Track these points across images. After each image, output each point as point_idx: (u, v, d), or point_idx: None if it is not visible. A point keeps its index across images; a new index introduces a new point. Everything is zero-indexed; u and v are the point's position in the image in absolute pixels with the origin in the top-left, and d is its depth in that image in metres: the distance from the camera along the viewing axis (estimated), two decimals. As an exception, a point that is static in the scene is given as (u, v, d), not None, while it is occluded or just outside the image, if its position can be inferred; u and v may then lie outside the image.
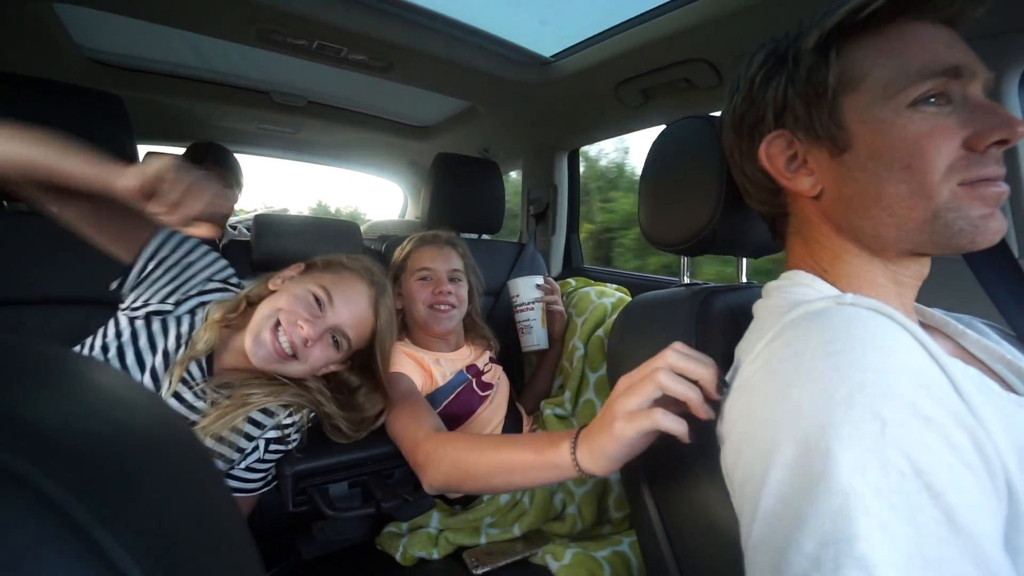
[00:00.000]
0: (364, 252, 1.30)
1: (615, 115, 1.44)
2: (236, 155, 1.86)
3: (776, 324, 0.42)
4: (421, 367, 1.05)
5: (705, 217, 0.63)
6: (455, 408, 1.05)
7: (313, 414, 0.87)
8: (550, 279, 1.25)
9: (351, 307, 0.84)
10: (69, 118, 0.85)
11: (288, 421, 0.84)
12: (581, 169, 1.85)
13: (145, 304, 0.79)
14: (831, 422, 0.32)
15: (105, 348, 0.76)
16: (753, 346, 0.44)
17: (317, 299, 0.81)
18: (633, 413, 0.47)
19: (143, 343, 0.77)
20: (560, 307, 1.24)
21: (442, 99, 1.64)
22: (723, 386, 0.45)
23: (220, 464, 0.78)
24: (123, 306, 0.79)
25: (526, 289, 1.21)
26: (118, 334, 0.77)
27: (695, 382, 0.46)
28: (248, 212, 2.78)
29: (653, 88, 1.24)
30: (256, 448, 0.82)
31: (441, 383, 1.06)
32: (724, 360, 0.50)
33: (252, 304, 0.84)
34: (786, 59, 0.49)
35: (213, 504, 0.21)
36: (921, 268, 0.49)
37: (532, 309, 1.20)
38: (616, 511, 0.97)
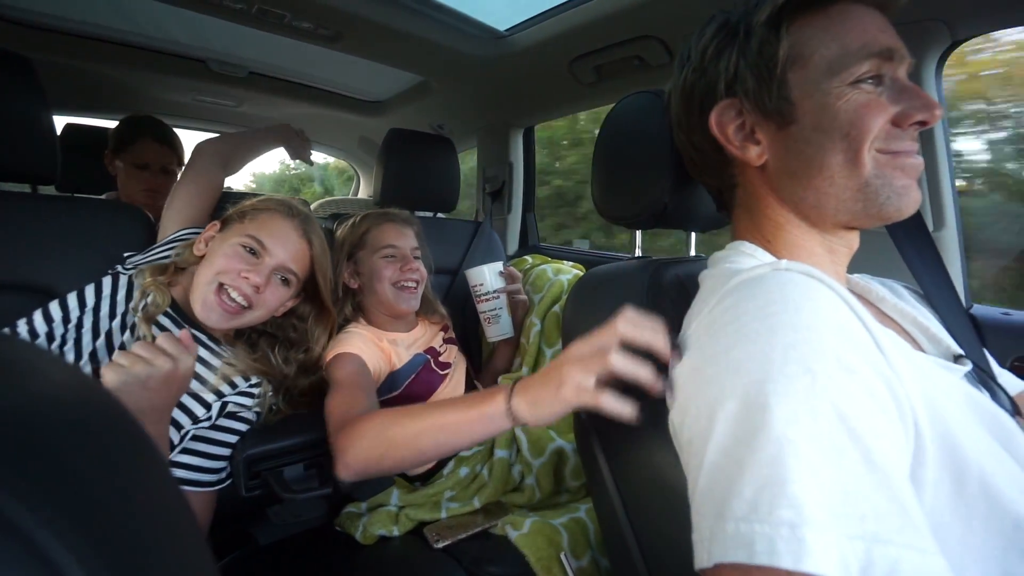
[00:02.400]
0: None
1: (569, 92, 1.44)
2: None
3: (719, 290, 0.44)
4: (380, 349, 1.03)
5: (656, 191, 0.64)
6: (417, 388, 1.05)
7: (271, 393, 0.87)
8: (511, 267, 1.23)
9: (284, 244, 0.86)
10: None
11: (248, 394, 0.84)
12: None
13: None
14: (768, 378, 0.35)
15: (50, 336, 0.76)
16: (699, 312, 0.46)
17: (249, 249, 0.83)
18: (582, 387, 0.51)
19: (87, 325, 0.78)
20: (524, 296, 1.22)
21: (394, 73, 1.58)
22: (675, 351, 0.47)
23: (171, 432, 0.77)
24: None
25: (490, 278, 1.17)
26: (65, 319, 0.77)
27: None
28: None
29: (606, 65, 1.25)
30: (208, 418, 0.80)
31: (399, 365, 1.05)
32: (675, 329, 0.52)
33: (180, 269, 0.87)
34: (738, 32, 0.51)
35: (152, 483, 0.20)
36: (852, 240, 0.53)
37: (497, 298, 1.17)
38: (573, 480, 1.00)
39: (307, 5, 1.11)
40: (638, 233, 0.79)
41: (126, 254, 0.90)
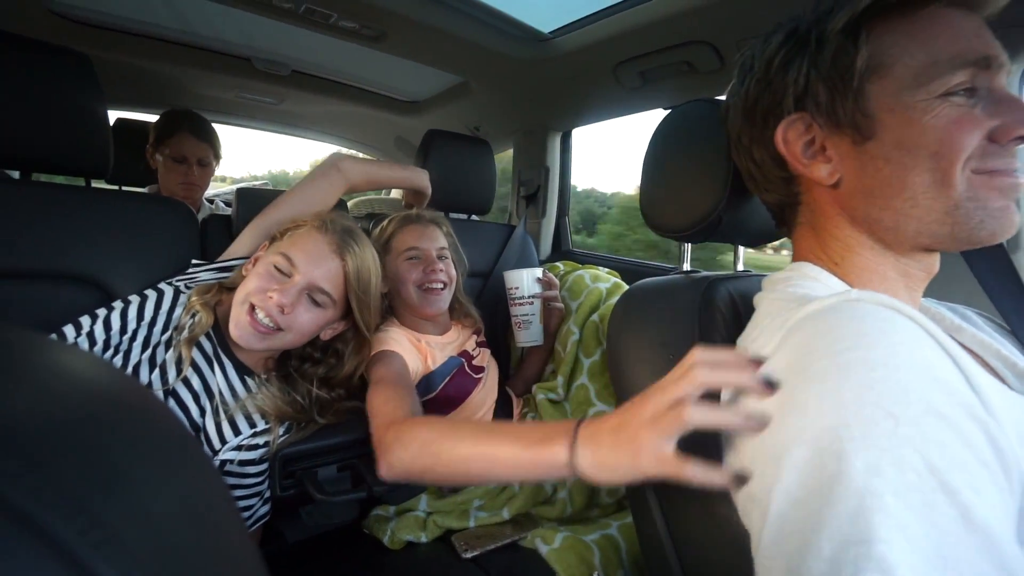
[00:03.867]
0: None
1: (612, 97, 1.41)
2: (215, 125, 1.78)
3: (783, 326, 0.41)
4: (418, 349, 1.03)
5: (710, 203, 0.62)
6: (452, 391, 1.04)
7: (284, 434, 0.83)
8: (549, 274, 1.21)
9: (314, 261, 0.82)
10: (30, 75, 0.79)
11: (252, 446, 0.78)
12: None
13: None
14: (842, 423, 0.32)
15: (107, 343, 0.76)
16: (759, 345, 0.43)
17: (279, 268, 0.80)
18: (663, 456, 0.43)
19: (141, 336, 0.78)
20: (560, 304, 1.19)
21: (433, 73, 1.58)
22: (767, 385, 0.39)
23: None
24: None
25: (527, 282, 1.15)
26: (122, 330, 0.77)
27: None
28: (228, 184, 2.69)
29: (652, 70, 1.21)
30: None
31: (434, 367, 1.04)
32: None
33: (229, 290, 0.84)
34: (808, 41, 0.47)
35: (207, 496, 0.19)
36: (931, 264, 0.49)
37: (532, 304, 1.15)
38: (607, 496, 0.97)
39: (353, 5, 1.11)
40: (687, 246, 0.76)
41: (194, 261, 0.90)
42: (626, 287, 0.90)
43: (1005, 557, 0.28)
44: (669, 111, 0.70)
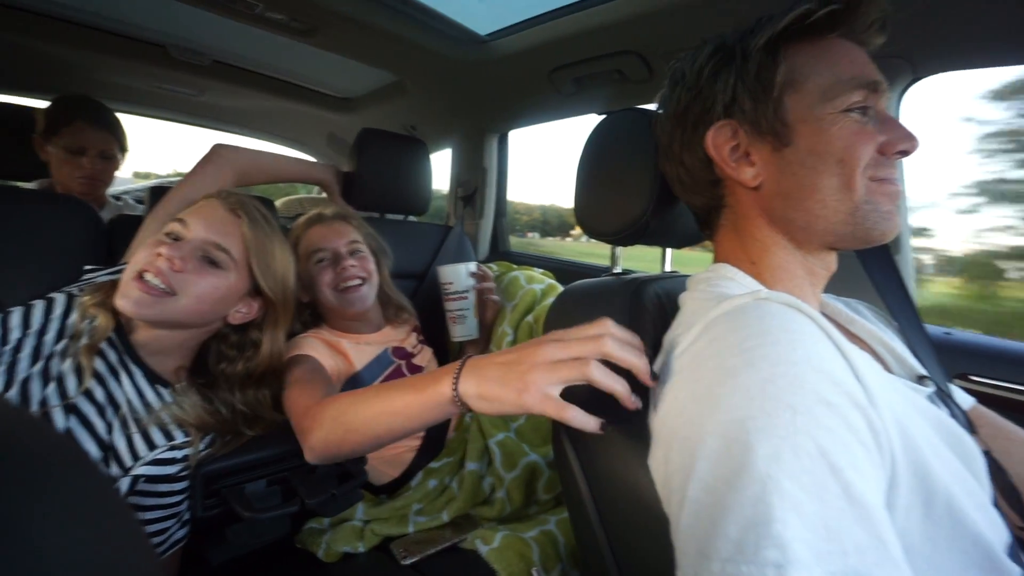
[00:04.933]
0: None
1: (547, 101, 1.45)
2: (127, 115, 1.63)
3: (700, 321, 0.44)
4: (335, 350, 1.00)
5: (639, 208, 0.65)
6: None
7: (206, 448, 0.77)
8: (483, 267, 1.21)
9: (208, 218, 0.77)
10: None
11: (167, 460, 0.72)
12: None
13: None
14: (749, 415, 0.35)
15: None
16: (680, 341, 0.46)
17: (170, 234, 0.75)
18: (548, 396, 0.47)
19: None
20: (496, 296, 1.20)
21: (368, 70, 1.54)
22: (654, 375, 0.47)
23: None
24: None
25: (460, 276, 1.15)
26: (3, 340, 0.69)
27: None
28: (139, 180, 2.47)
29: (586, 77, 1.25)
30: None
31: (360, 366, 1.02)
32: (654, 348, 0.53)
33: None
34: (735, 55, 0.52)
35: (105, 533, 0.17)
36: (831, 262, 0.55)
37: (466, 298, 1.16)
38: (544, 493, 0.99)
39: None
40: (619, 249, 0.79)
41: (87, 267, 0.81)
42: (561, 288, 0.92)
43: (876, 523, 0.32)
44: (601, 119, 0.73)
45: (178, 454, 0.72)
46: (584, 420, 0.47)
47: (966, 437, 0.47)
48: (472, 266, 1.18)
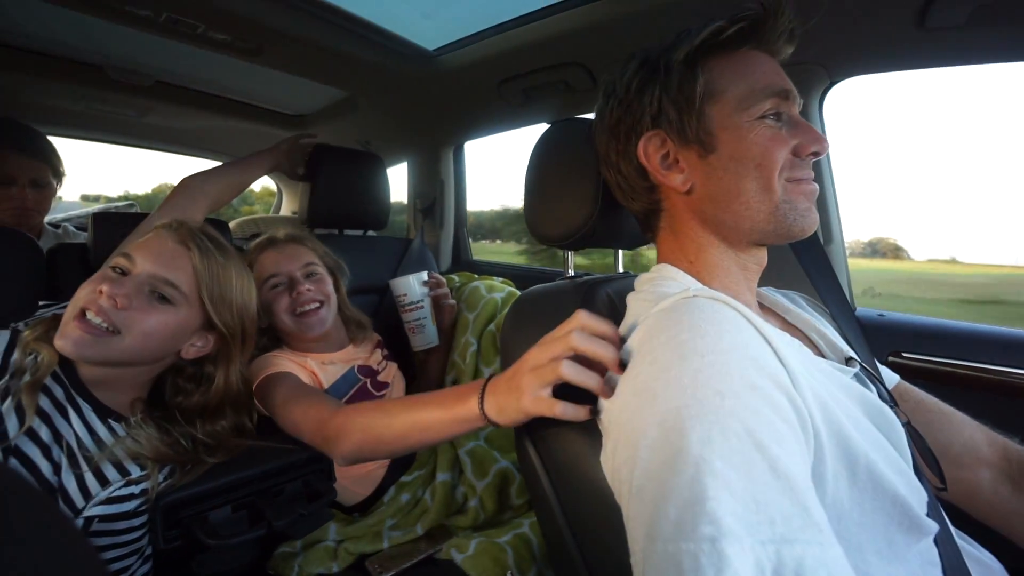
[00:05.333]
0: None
1: (499, 112, 1.48)
2: (62, 140, 1.56)
3: (640, 321, 0.47)
4: (303, 368, 0.99)
5: (585, 214, 0.68)
6: None
7: (166, 479, 0.74)
8: (435, 273, 1.23)
9: (155, 252, 0.74)
10: None
11: (122, 498, 0.68)
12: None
13: None
14: (683, 404, 0.38)
15: None
16: (625, 339, 0.49)
17: (116, 268, 0.73)
18: (539, 397, 0.53)
19: None
20: (451, 300, 1.22)
21: (318, 87, 1.53)
22: (623, 364, 0.49)
23: None
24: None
25: (412, 287, 1.17)
26: None
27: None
28: (87, 204, 2.36)
29: (534, 88, 1.29)
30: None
31: (327, 384, 1.02)
32: None
33: None
34: (659, 69, 0.55)
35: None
36: (761, 257, 0.59)
37: (421, 307, 1.17)
38: (518, 498, 1.00)
39: (224, 17, 1.05)
40: (570, 253, 0.83)
41: (42, 302, 0.78)
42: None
43: (799, 492, 0.35)
44: (545, 130, 0.76)
45: (135, 489, 0.70)
46: (574, 412, 0.52)
47: (887, 411, 0.51)
48: (423, 275, 1.19)
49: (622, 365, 0.47)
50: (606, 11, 0.99)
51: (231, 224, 2.22)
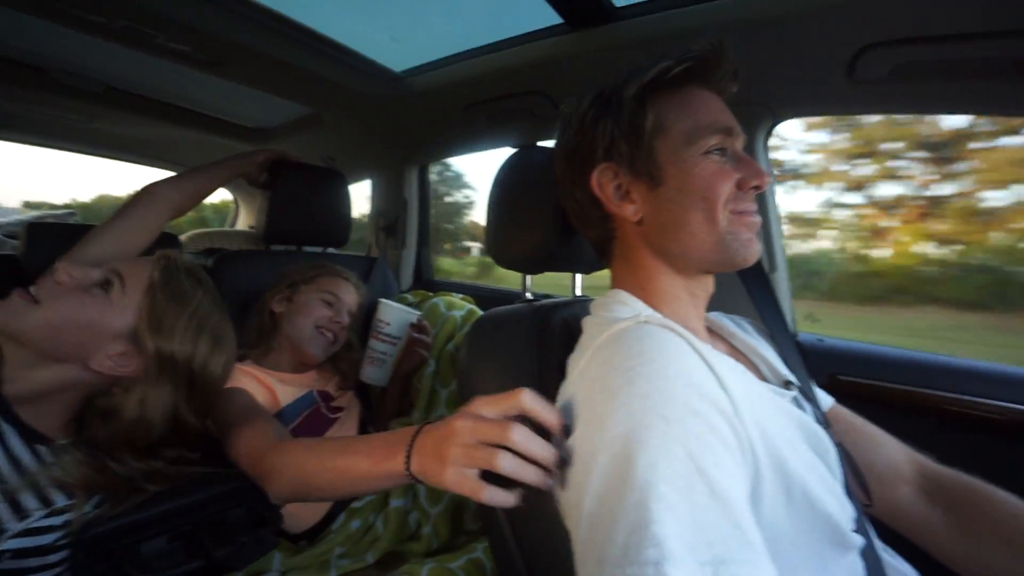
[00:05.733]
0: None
1: (464, 135, 1.50)
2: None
3: (591, 345, 0.49)
4: (262, 385, 0.98)
5: (543, 238, 0.70)
6: (302, 432, 0.99)
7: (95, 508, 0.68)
8: (424, 322, 1.19)
9: (130, 259, 0.74)
10: None
11: (50, 523, 0.63)
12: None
13: None
14: (630, 429, 0.39)
15: None
16: (576, 364, 0.50)
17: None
18: (465, 477, 0.47)
19: None
20: (426, 353, 1.17)
21: (281, 101, 1.52)
22: (564, 458, 0.45)
23: None
24: None
25: (400, 321, 1.14)
26: None
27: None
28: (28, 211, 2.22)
29: (499, 114, 1.32)
30: None
31: (284, 403, 0.99)
32: (560, 371, 0.56)
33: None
34: (611, 103, 0.58)
35: None
36: (709, 284, 0.62)
37: (395, 344, 1.14)
38: (472, 523, 0.99)
39: (183, 29, 1.03)
40: (528, 277, 0.84)
41: None
42: (481, 313, 0.95)
43: (736, 513, 0.36)
44: (508, 156, 0.78)
45: (56, 520, 0.64)
46: (503, 498, 0.47)
47: (822, 433, 0.54)
48: (413, 316, 1.17)
49: (562, 461, 0.45)
50: (568, 45, 1.04)
51: (182, 238, 2.14)
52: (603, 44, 1.00)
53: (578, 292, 0.89)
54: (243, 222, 2.55)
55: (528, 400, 0.47)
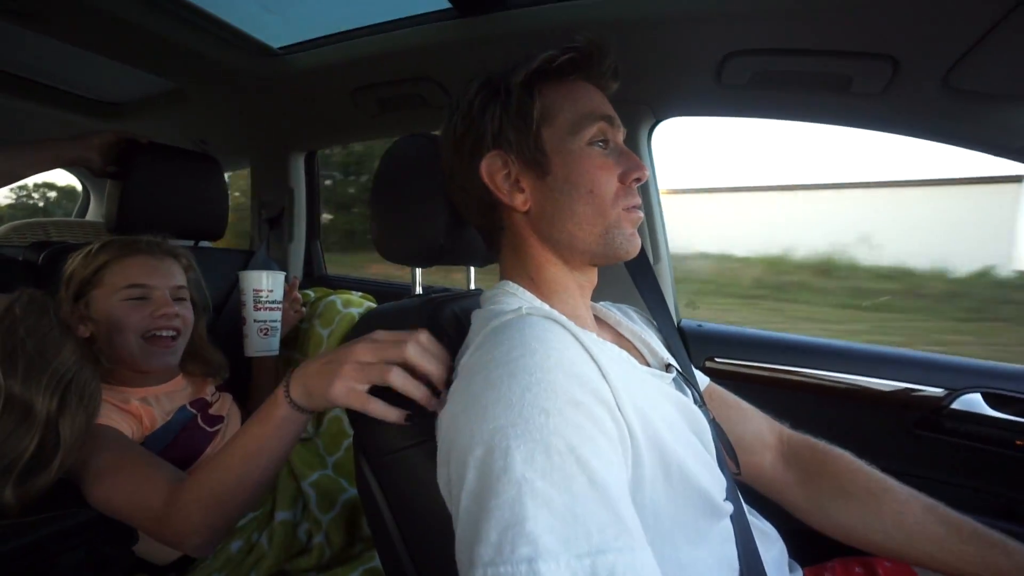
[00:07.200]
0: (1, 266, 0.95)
1: (353, 121, 1.41)
2: None
3: (476, 338, 0.48)
4: (127, 412, 0.83)
5: (431, 231, 0.67)
6: (178, 452, 0.86)
7: None
8: (295, 278, 1.17)
9: None
10: None
11: None
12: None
13: None
14: (510, 422, 0.38)
15: None
16: (461, 358, 0.49)
17: None
18: (353, 390, 0.52)
19: None
20: (301, 308, 1.19)
21: (135, 72, 1.31)
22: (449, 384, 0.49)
23: None
24: None
25: (278, 286, 1.07)
26: None
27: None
28: None
29: (389, 99, 1.26)
30: None
31: (157, 424, 0.86)
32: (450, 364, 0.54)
33: None
34: (499, 90, 0.57)
35: None
36: (593, 276, 0.63)
37: (279, 309, 1.07)
38: (368, 528, 0.94)
39: None
40: (418, 271, 0.81)
41: None
42: None
43: (614, 501, 0.36)
44: (391, 144, 0.74)
45: None
46: (384, 411, 0.51)
47: (698, 411, 0.58)
48: (283, 275, 1.10)
49: (448, 385, 0.48)
50: (458, 31, 1.01)
51: (2, 228, 1.80)
52: (491, 32, 0.99)
53: (472, 286, 0.88)
54: (94, 212, 2.20)
55: (424, 338, 0.53)
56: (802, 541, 0.70)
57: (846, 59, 0.82)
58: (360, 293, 1.28)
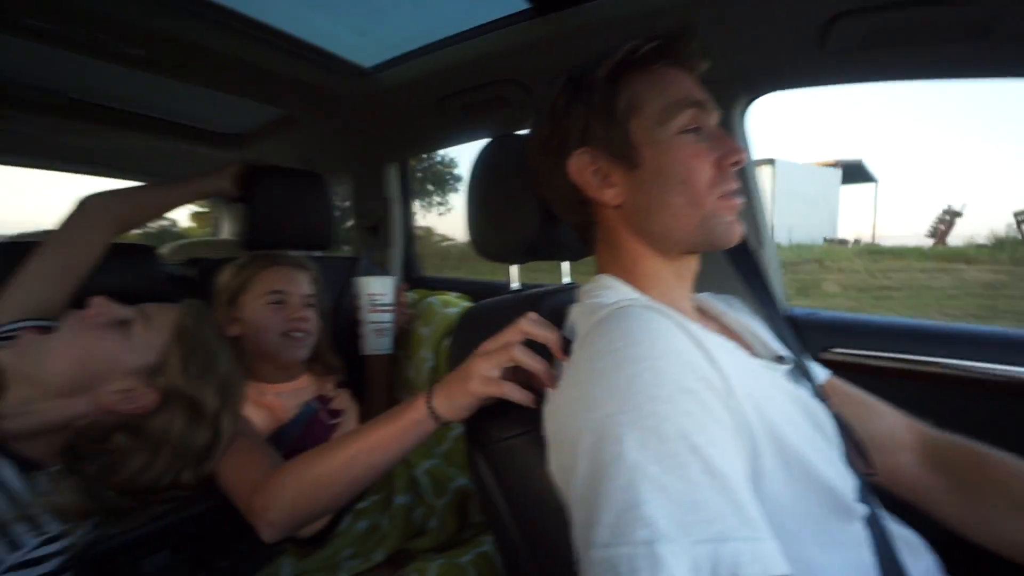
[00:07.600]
0: (166, 281, 1.11)
1: (440, 128, 1.48)
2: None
3: (579, 332, 0.49)
4: (261, 405, 0.95)
5: (525, 228, 0.69)
6: (307, 442, 0.97)
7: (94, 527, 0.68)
8: (403, 283, 1.24)
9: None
10: None
11: (47, 551, 0.62)
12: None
13: None
14: (619, 409, 0.39)
15: None
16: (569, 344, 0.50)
17: None
18: (487, 378, 0.56)
19: None
20: (408, 312, 1.25)
21: (252, 104, 1.48)
22: (566, 349, 0.52)
23: None
24: None
25: (390, 288, 1.16)
26: None
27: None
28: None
29: (474, 104, 1.30)
30: None
31: (287, 416, 0.98)
32: (550, 358, 0.56)
33: None
34: (582, 86, 0.57)
35: None
36: (693, 265, 0.62)
37: (393, 311, 1.16)
38: (477, 515, 1.00)
39: (135, 31, 0.99)
40: (514, 267, 0.84)
41: None
42: None
43: (734, 491, 0.36)
44: (483, 146, 0.77)
45: (52, 548, 0.63)
46: (520, 394, 0.56)
47: (817, 405, 0.54)
48: (393, 280, 1.19)
49: (565, 350, 0.50)
50: (540, 30, 1.02)
51: (164, 249, 2.09)
52: (572, 27, 0.98)
53: (567, 279, 0.89)
54: (227, 231, 2.51)
55: (532, 315, 0.58)
56: (957, 554, 0.60)
57: (980, 2, 0.72)
58: (457, 293, 1.34)
